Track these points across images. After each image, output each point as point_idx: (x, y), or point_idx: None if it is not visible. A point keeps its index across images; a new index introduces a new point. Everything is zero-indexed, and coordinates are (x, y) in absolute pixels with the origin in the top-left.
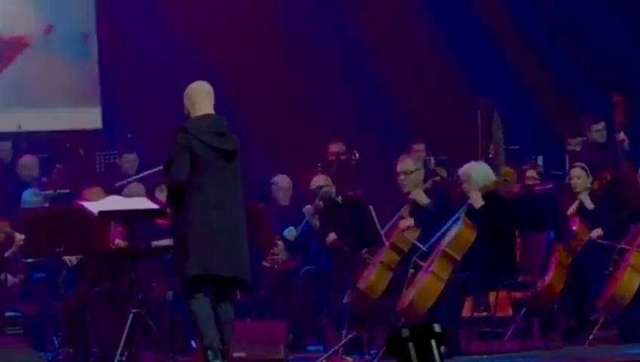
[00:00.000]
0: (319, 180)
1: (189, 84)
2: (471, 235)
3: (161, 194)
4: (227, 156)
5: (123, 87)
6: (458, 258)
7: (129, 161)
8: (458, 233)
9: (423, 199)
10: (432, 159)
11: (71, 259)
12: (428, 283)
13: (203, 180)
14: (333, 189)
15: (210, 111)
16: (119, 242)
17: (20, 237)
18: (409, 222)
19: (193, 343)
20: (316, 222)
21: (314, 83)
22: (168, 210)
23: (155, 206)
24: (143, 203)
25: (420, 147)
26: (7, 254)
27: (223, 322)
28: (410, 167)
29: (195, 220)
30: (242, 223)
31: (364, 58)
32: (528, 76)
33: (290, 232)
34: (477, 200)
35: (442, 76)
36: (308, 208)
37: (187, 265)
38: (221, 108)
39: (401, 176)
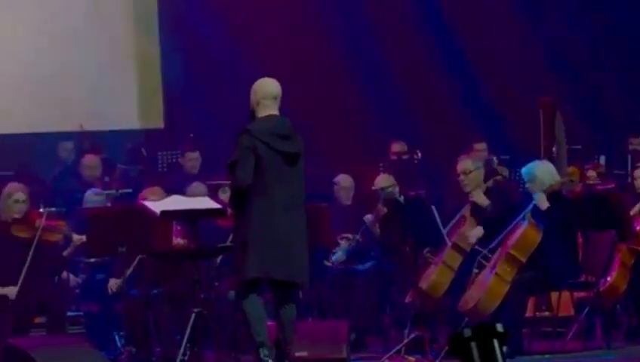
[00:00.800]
0: (383, 181)
1: (252, 81)
2: (537, 237)
3: (224, 196)
4: (291, 159)
5: (185, 86)
6: (523, 260)
7: (192, 159)
8: (524, 234)
9: (482, 200)
10: (494, 158)
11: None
12: (493, 285)
13: (266, 183)
14: (397, 189)
15: (275, 112)
16: (179, 241)
17: (77, 237)
18: (477, 232)
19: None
20: (377, 230)
21: (376, 82)
22: (229, 211)
23: (217, 205)
24: (205, 203)
25: (481, 146)
26: (65, 253)
27: (284, 323)
28: (469, 166)
29: (256, 223)
30: (303, 226)
31: (427, 58)
32: (590, 75)
33: (339, 257)
34: (543, 201)
35: (505, 75)
36: (368, 217)
37: (246, 267)
38: (284, 106)
39: (461, 176)
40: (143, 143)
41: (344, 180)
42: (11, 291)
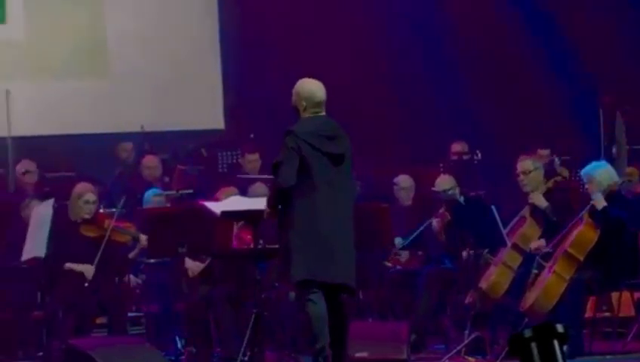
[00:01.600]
0: (444, 182)
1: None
2: (594, 236)
3: None
4: (336, 160)
5: (245, 87)
6: (581, 258)
7: (252, 161)
8: (581, 233)
9: (541, 202)
10: (556, 159)
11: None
12: (551, 284)
13: (311, 184)
14: (458, 191)
15: (321, 111)
16: (245, 242)
17: (144, 239)
18: (539, 243)
19: None
20: (442, 236)
21: (436, 82)
22: (266, 212)
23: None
24: (264, 203)
25: (545, 152)
26: (131, 255)
27: (336, 324)
28: (529, 167)
29: (301, 225)
30: (350, 227)
31: (486, 58)
32: None
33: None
34: (600, 202)
35: (566, 75)
36: (434, 225)
37: (292, 269)
38: (345, 106)
39: (521, 176)
40: (204, 144)
41: (404, 181)
42: (88, 270)
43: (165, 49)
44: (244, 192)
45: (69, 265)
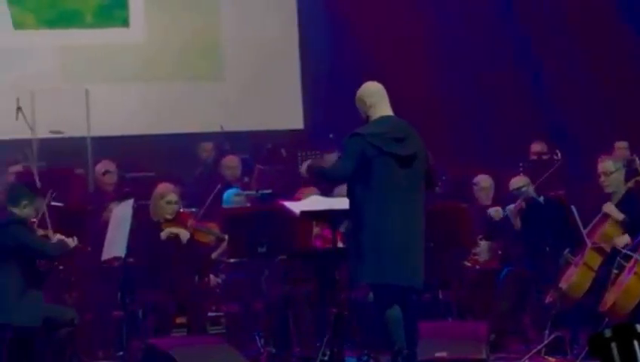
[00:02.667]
0: (517, 181)
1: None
2: None
3: None
4: (405, 161)
5: (324, 87)
6: None
7: (330, 160)
8: None
9: (616, 215)
10: (637, 159)
11: None
12: (631, 285)
13: (377, 186)
14: (532, 188)
15: (389, 112)
16: (324, 242)
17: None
18: (624, 239)
19: None
20: (518, 223)
21: (517, 82)
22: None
23: None
24: (345, 203)
25: (622, 144)
26: (214, 256)
27: (407, 324)
28: (610, 167)
29: (369, 226)
30: (420, 229)
31: (566, 57)
32: None
33: (497, 212)
34: None
35: None
36: (510, 207)
37: (361, 271)
38: (428, 106)
39: (602, 177)
40: (283, 144)
41: (484, 181)
42: (184, 233)
43: (245, 50)
44: (327, 192)
45: (166, 231)
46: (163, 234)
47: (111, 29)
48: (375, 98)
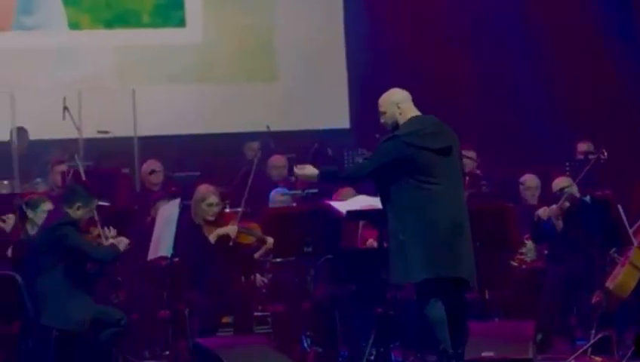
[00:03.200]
0: (561, 182)
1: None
2: None
3: None
4: (443, 153)
5: (371, 86)
6: None
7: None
8: None
9: None
10: None
11: None
12: None
13: (421, 181)
14: (575, 188)
15: (417, 112)
16: (371, 241)
17: (271, 241)
18: None
19: None
20: (560, 224)
21: (566, 81)
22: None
23: None
24: None
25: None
26: (256, 256)
27: (455, 324)
28: None
29: (417, 222)
30: (465, 221)
31: (615, 57)
32: None
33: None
34: None
35: None
36: (552, 208)
37: (411, 268)
38: (469, 104)
39: None
40: (330, 143)
41: (530, 180)
42: (233, 229)
43: (291, 50)
44: (372, 191)
45: (215, 233)
46: (212, 238)
47: (167, 30)
48: (403, 103)
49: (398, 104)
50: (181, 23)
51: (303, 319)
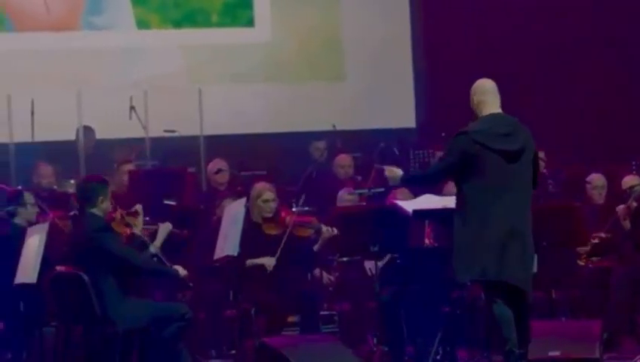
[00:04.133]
0: (630, 181)
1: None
2: None
3: None
4: (511, 157)
5: (437, 86)
6: None
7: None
8: None
9: None
10: None
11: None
12: None
13: (483, 182)
14: None
15: (497, 110)
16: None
17: (326, 228)
18: None
19: None
20: (627, 224)
21: (630, 80)
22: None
23: None
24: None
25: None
26: (315, 248)
27: (520, 323)
28: None
29: (473, 223)
30: (527, 226)
31: None
32: None
33: None
34: None
35: None
36: (619, 208)
37: (463, 268)
38: (534, 103)
39: None
40: (396, 142)
41: (597, 179)
42: (269, 262)
43: (357, 49)
44: (437, 191)
45: (250, 262)
46: (248, 263)
47: (235, 29)
48: (484, 96)
49: (479, 96)
50: (249, 22)
51: (369, 318)
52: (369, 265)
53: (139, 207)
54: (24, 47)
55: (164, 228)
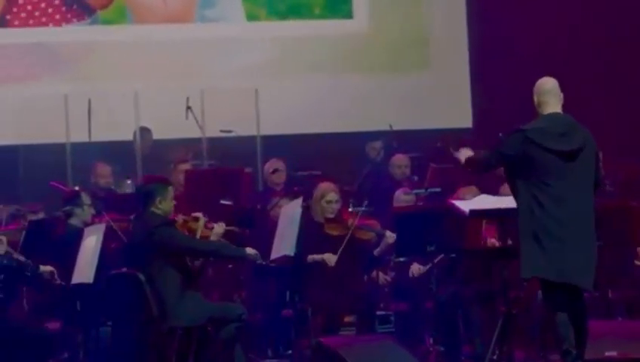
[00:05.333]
0: None
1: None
2: None
3: None
4: (567, 156)
5: (494, 85)
6: None
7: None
8: None
9: None
10: None
11: None
12: None
13: (537, 182)
14: None
15: (556, 109)
16: (493, 241)
17: (390, 234)
18: None
19: None
20: None
21: None
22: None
23: None
24: (512, 202)
25: None
26: (376, 252)
27: (576, 323)
28: None
29: (530, 223)
30: (585, 225)
31: None
32: None
33: None
34: None
35: None
36: None
37: (524, 266)
38: (595, 102)
39: None
40: (452, 142)
41: None
42: (330, 258)
43: (413, 48)
44: (494, 191)
45: (311, 257)
46: (309, 258)
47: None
48: (544, 96)
49: (539, 96)
50: (349, 14)
51: (426, 318)
52: (415, 267)
53: (199, 214)
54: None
55: (219, 229)
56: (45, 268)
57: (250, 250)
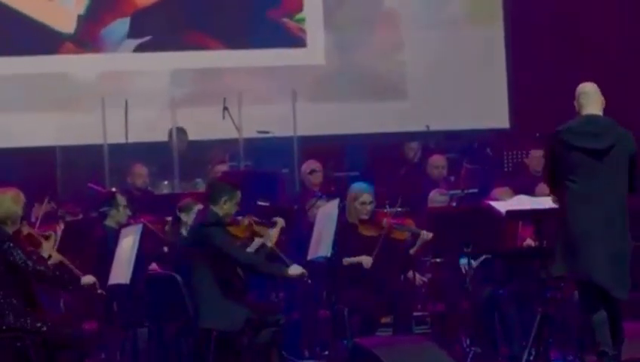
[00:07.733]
0: None
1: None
2: None
3: None
4: (598, 154)
5: (532, 85)
6: None
7: (536, 157)
8: None
9: None
10: None
11: None
12: None
13: (568, 182)
14: None
15: (594, 111)
16: (529, 242)
17: (425, 233)
18: None
19: None
20: None
21: None
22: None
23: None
24: (549, 202)
25: None
26: (411, 251)
27: (612, 324)
28: None
29: (561, 223)
30: (616, 227)
31: None
32: None
33: None
34: None
35: None
36: None
37: (554, 265)
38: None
39: None
40: (489, 143)
41: None
42: (367, 260)
43: (451, 49)
44: (530, 191)
45: (347, 260)
46: (345, 262)
47: None
48: (583, 99)
49: (579, 98)
50: None
51: (463, 319)
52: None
53: (279, 220)
54: None
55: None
56: (87, 281)
57: (294, 270)
